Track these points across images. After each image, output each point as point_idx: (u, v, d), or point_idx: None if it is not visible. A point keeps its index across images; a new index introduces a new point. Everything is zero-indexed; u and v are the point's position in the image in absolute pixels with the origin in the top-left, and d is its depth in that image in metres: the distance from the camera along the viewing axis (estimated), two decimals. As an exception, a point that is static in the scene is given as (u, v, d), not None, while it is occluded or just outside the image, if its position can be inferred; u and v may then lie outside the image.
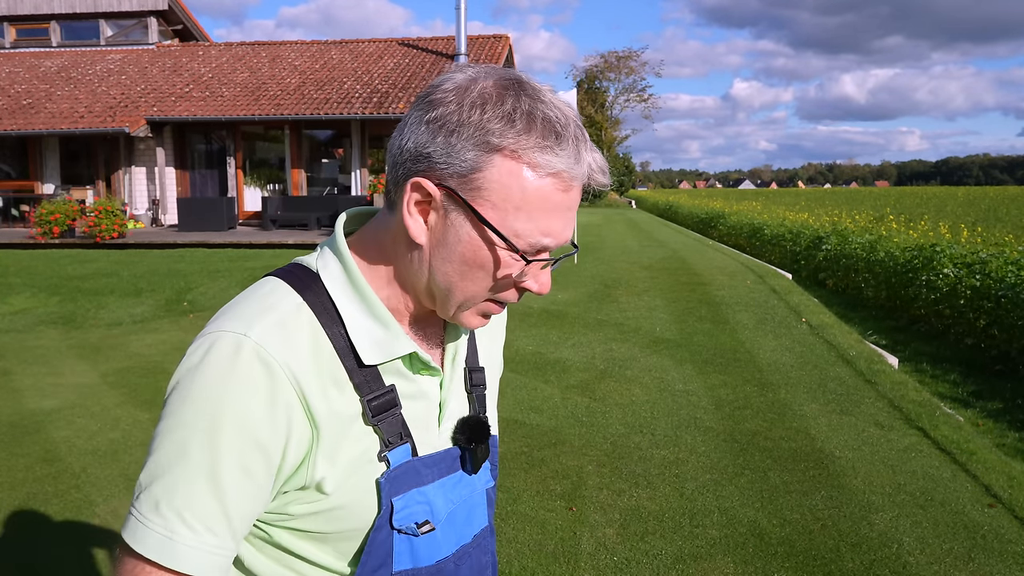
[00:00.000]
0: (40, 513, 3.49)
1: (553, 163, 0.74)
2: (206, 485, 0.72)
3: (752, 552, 3.10)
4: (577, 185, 0.77)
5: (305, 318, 0.79)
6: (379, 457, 0.81)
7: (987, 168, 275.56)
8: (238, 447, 0.73)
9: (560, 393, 5.25)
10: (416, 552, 0.84)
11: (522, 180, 0.74)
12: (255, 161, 17.78)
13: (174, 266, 10.99)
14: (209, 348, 0.75)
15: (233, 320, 0.77)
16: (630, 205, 47.21)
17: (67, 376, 5.79)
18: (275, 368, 0.74)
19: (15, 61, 19.62)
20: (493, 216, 0.75)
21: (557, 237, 0.77)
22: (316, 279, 0.82)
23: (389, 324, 0.82)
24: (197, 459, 0.72)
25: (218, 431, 0.72)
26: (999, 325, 7.06)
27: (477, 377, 0.95)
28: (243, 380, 0.73)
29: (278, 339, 0.76)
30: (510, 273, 0.78)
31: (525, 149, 0.74)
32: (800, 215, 17.57)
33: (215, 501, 0.72)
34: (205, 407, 0.73)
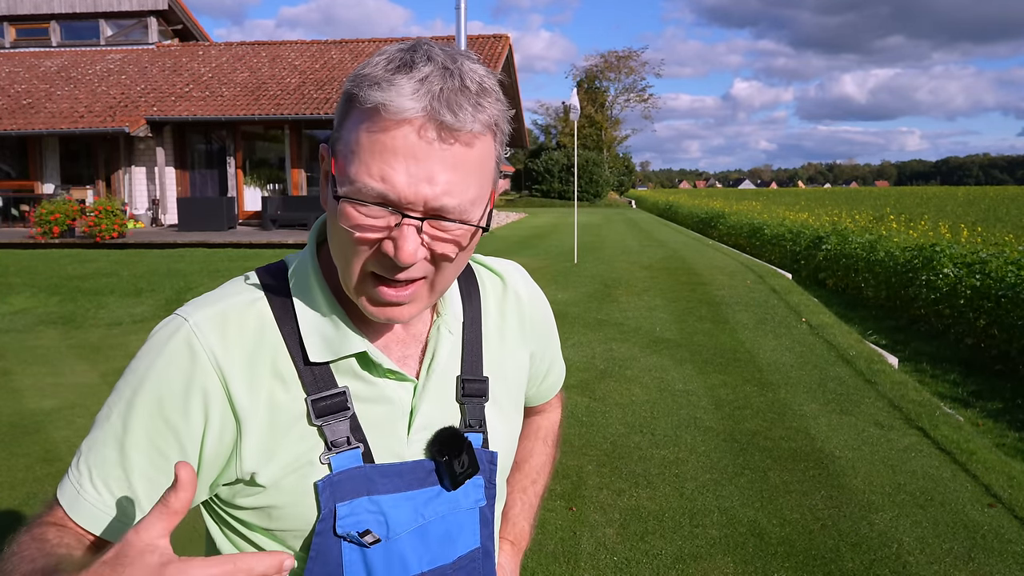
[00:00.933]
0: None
1: (374, 96, 0.68)
2: (115, 452, 0.76)
3: (752, 552, 3.10)
4: (406, 122, 0.68)
5: (255, 312, 0.80)
6: (320, 460, 0.78)
7: (987, 168, 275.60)
8: (149, 423, 0.75)
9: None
10: (372, 565, 0.79)
11: (356, 123, 0.71)
12: (255, 161, 17.78)
13: (174, 266, 10.99)
14: (160, 327, 0.80)
15: (189, 306, 0.81)
16: (630, 205, 47.22)
17: (67, 376, 5.79)
18: (199, 352, 0.76)
19: (15, 61, 19.62)
20: (339, 166, 0.72)
21: (395, 183, 0.68)
22: (283, 276, 0.83)
23: (339, 323, 0.80)
24: (115, 426, 0.76)
25: (134, 404, 0.76)
26: (999, 325, 7.06)
27: (472, 387, 0.87)
28: (167, 360, 0.76)
29: (212, 327, 0.77)
30: (361, 234, 0.71)
31: (361, 87, 0.70)
32: (800, 215, 17.58)
33: (120, 469, 0.75)
34: (132, 380, 0.77)
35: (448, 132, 0.69)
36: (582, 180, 43.33)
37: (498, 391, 0.91)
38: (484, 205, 0.75)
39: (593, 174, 44.03)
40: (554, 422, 1.21)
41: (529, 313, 0.98)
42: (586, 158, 44.11)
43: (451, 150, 0.69)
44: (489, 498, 0.89)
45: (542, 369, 1.05)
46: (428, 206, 0.70)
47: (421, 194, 0.69)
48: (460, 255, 0.76)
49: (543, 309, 1.03)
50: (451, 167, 0.70)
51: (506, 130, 0.77)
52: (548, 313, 1.05)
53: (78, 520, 0.75)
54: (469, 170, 0.71)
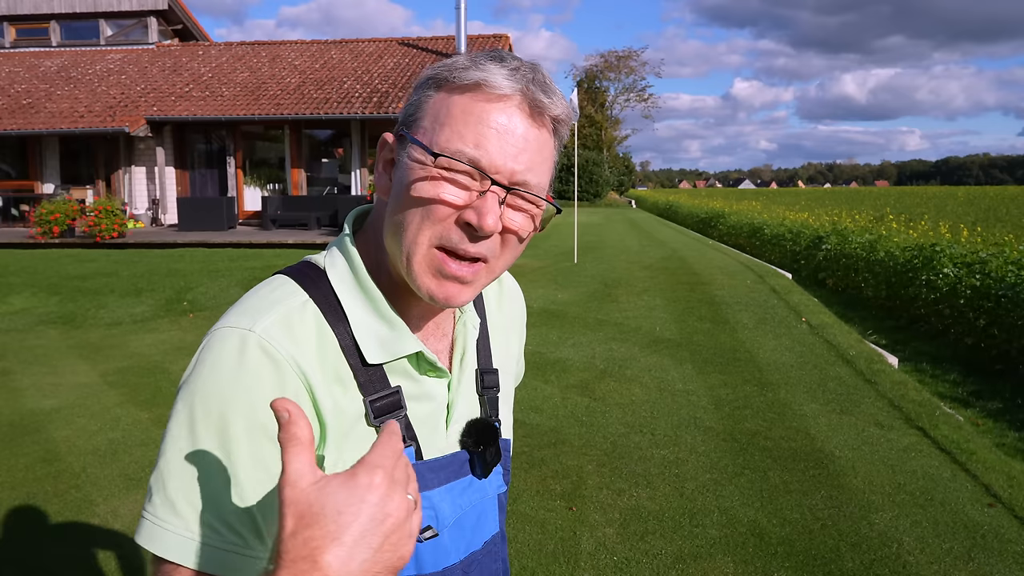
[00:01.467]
0: (40, 513, 3.49)
1: (473, 75, 0.74)
2: (223, 484, 0.70)
3: (752, 552, 3.10)
4: (506, 97, 0.74)
5: (310, 314, 0.78)
6: None
7: (987, 168, 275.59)
8: (248, 439, 0.71)
9: (560, 393, 5.25)
10: (420, 559, 0.81)
11: (449, 99, 0.75)
12: (255, 161, 17.78)
13: (174, 266, 10.99)
14: (215, 344, 0.74)
15: (238, 316, 0.76)
16: (630, 205, 47.22)
17: (67, 376, 5.79)
18: (280, 361, 0.73)
19: (15, 61, 19.62)
20: (424, 137, 0.76)
21: (488, 151, 0.73)
22: (323, 276, 0.81)
23: (394, 323, 0.81)
24: (214, 456, 0.70)
25: (228, 426, 0.71)
26: (999, 325, 7.06)
27: (489, 379, 0.92)
28: (249, 373, 0.72)
29: (283, 334, 0.75)
30: (444, 197, 0.73)
31: (451, 72, 0.76)
32: (800, 215, 17.58)
33: (235, 498, 0.70)
34: (213, 404, 0.71)
35: (538, 113, 0.76)
36: (582, 180, 43.33)
37: (504, 382, 0.96)
38: (546, 196, 0.80)
39: (593, 174, 44.04)
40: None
41: (519, 306, 1.06)
42: (586, 158, 44.12)
43: (537, 133, 0.76)
44: (506, 483, 0.95)
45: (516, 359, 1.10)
46: (512, 179, 0.74)
47: (509, 166, 0.74)
48: (520, 244, 0.80)
49: (523, 303, 1.10)
50: (536, 148, 0.76)
51: (564, 136, 0.82)
52: (524, 306, 1.11)
53: (205, 568, 0.69)
54: (546, 156, 0.78)
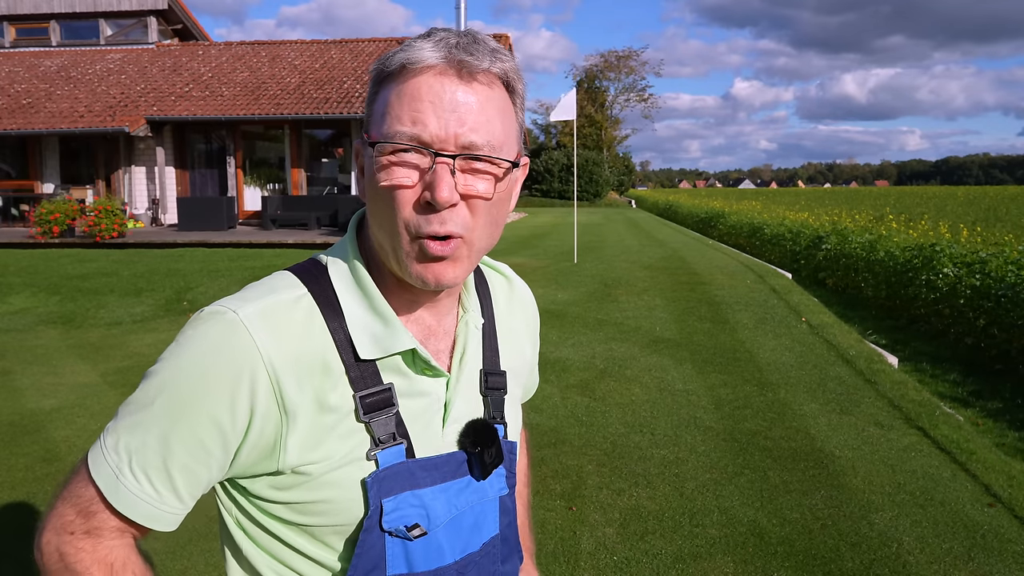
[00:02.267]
0: (40, 513, 3.49)
1: (398, 57, 0.76)
2: (156, 442, 0.75)
3: (752, 552, 3.10)
4: (430, 67, 0.75)
5: (303, 309, 0.79)
6: (367, 456, 0.79)
7: (987, 168, 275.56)
8: (194, 416, 0.75)
9: (560, 393, 5.25)
10: (411, 556, 0.81)
11: (384, 89, 0.78)
12: (255, 161, 17.78)
13: (174, 266, 10.98)
14: (204, 318, 0.78)
15: (233, 299, 0.79)
16: (630, 204, 47.22)
17: (67, 375, 5.79)
18: (250, 347, 0.76)
19: (15, 60, 19.62)
20: (374, 134, 0.78)
21: (426, 124, 0.74)
22: (324, 273, 0.83)
23: (389, 319, 0.81)
24: (157, 415, 0.75)
25: (180, 395, 0.75)
26: (999, 324, 7.06)
27: (494, 380, 0.92)
28: (215, 351, 0.75)
29: (263, 321, 0.77)
30: (397, 182, 0.75)
31: (384, 62, 0.78)
32: (800, 215, 17.58)
33: (160, 459, 0.75)
34: (177, 368, 0.76)
35: (468, 72, 0.75)
36: (582, 180, 43.33)
37: (511, 384, 0.96)
38: (512, 155, 0.80)
39: (593, 174, 44.04)
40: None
41: (532, 312, 1.05)
42: (586, 158, 44.12)
43: (472, 89, 0.76)
44: (510, 487, 0.92)
45: (530, 368, 1.09)
46: (458, 143, 0.75)
47: (451, 131, 0.74)
48: (492, 206, 0.79)
49: (536, 310, 1.09)
50: (477, 108, 0.76)
51: (521, 92, 0.82)
52: (538, 315, 1.10)
53: (121, 508, 0.76)
54: (492, 113, 0.77)
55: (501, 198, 0.80)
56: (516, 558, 0.97)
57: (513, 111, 0.81)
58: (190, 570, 3.00)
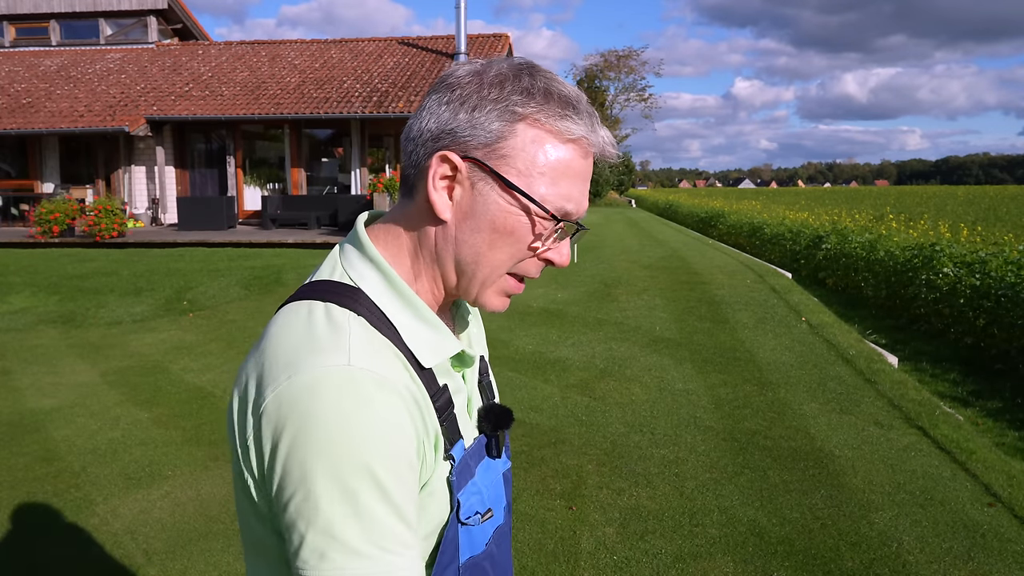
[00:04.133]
0: (40, 512, 3.49)
1: (573, 130, 0.78)
2: (385, 507, 0.68)
3: (752, 551, 3.10)
4: (593, 153, 0.81)
5: (371, 333, 0.76)
6: (446, 456, 0.82)
7: (987, 167, 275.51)
8: (392, 466, 0.70)
9: (560, 392, 5.25)
10: (474, 540, 0.86)
11: (545, 146, 0.78)
12: (255, 160, 17.78)
13: (174, 265, 10.98)
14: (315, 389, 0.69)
15: (314, 355, 0.71)
16: (630, 204, 47.19)
17: (67, 375, 5.79)
18: (392, 383, 0.72)
19: (14, 60, 19.61)
20: (520, 181, 0.78)
21: (578, 204, 0.81)
22: (358, 293, 0.79)
23: (438, 327, 0.83)
24: (365, 493, 0.68)
25: (371, 460, 0.68)
26: (999, 324, 7.06)
27: (482, 366, 0.98)
28: (373, 408, 0.70)
29: (376, 358, 0.73)
30: (537, 240, 0.80)
31: (547, 117, 0.78)
32: (800, 214, 17.57)
33: (399, 521, 0.70)
34: (344, 445, 0.68)
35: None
36: (582, 179, 43.29)
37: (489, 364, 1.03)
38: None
39: (593, 173, 44.02)
40: None
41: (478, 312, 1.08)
42: (586, 157, 44.06)
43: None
44: (508, 460, 1.00)
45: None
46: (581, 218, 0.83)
47: (584, 209, 0.82)
48: None
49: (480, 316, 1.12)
50: None
51: None
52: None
53: None
54: None
55: None
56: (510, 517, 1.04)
57: None
58: (190, 570, 3.00)
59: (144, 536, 3.25)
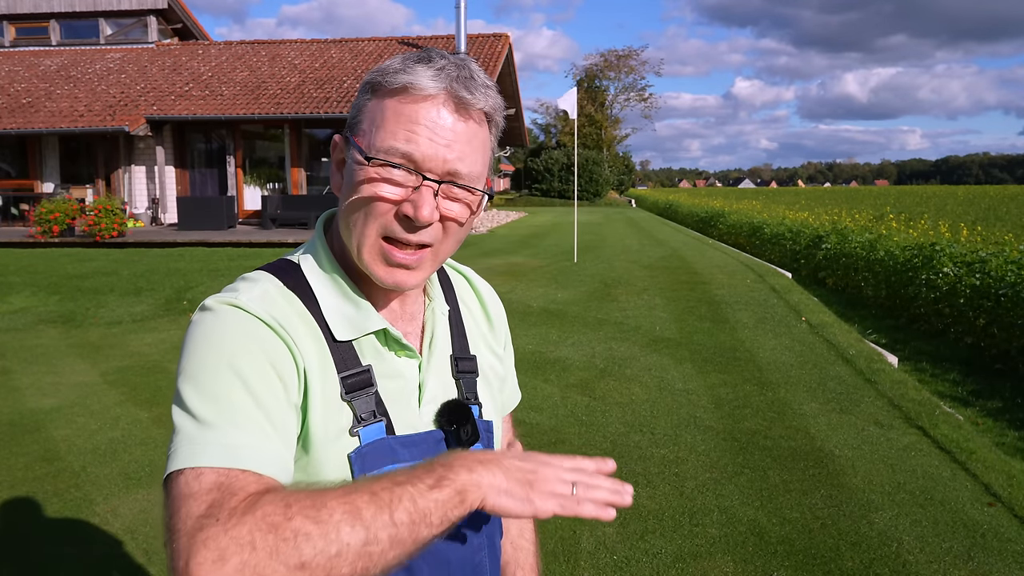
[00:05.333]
0: (40, 512, 3.49)
1: (401, 78, 0.81)
2: (240, 393, 0.74)
3: (752, 551, 3.10)
4: (431, 97, 0.81)
5: (285, 296, 0.85)
6: (351, 432, 0.83)
7: (987, 167, 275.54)
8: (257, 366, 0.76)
9: (560, 392, 5.25)
10: None
11: (381, 103, 0.83)
12: (255, 160, 17.78)
13: (174, 265, 10.98)
14: (202, 320, 0.80)
15: (218, 295, 0.83)
16: (630, 204, 47.20)
17: (67, 375, 5.79)
18: (267, 321, 0.80)
19: (14, 60, 19.61)
20: (362, 142, 0.83)
21: (419, 146, 0.80)
22: (296, 268, 0.89)
23: (359, 303, 0.87)
24: (222, 380, 0.75)
25: (235, 358, 0.76)
26: (999, 324, 7.06)
27: (465, 364, 0.98)
28: (242, 325, 0.79)
29: (265, 304, 0.82)
30: (383, 195, 0.81)
31: (385, 76, 0.83)
32: (800, 214, 17.56)
33: (255, 406, 0.74)
34: (215, 349, 0.76)
35: (464, 108, 0.82)
36: (582, 179, 43.31)
37: (484, 368, 1.02)
38: (484, 185, 0.87)
39: (593, 173, 44.01)
40: None
41: (495, 312, 1.09)
42: (586, 157, 44.09)
43: (464, 125, 0.83)
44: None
45: (502, 375, 1.10)
46: (444, 170, 0.82)
47: (440, 157, 0.81)
48: (461, 229, 0.87)
49: (504, 315, 1.12)
50: (465, 140, 0.82)
51: (500, 124, 0.89)
52: (506, 320, 1.13)
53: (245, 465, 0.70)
54: (476, 146, 0.84)
55: (470, 221, 0.88)
56: (499, 533, 1.01)
57: (490, 144, 0.88)
58: (190, 569, 2.99)
59: (144, 536, 3.25)
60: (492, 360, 1.05)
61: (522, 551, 1.17)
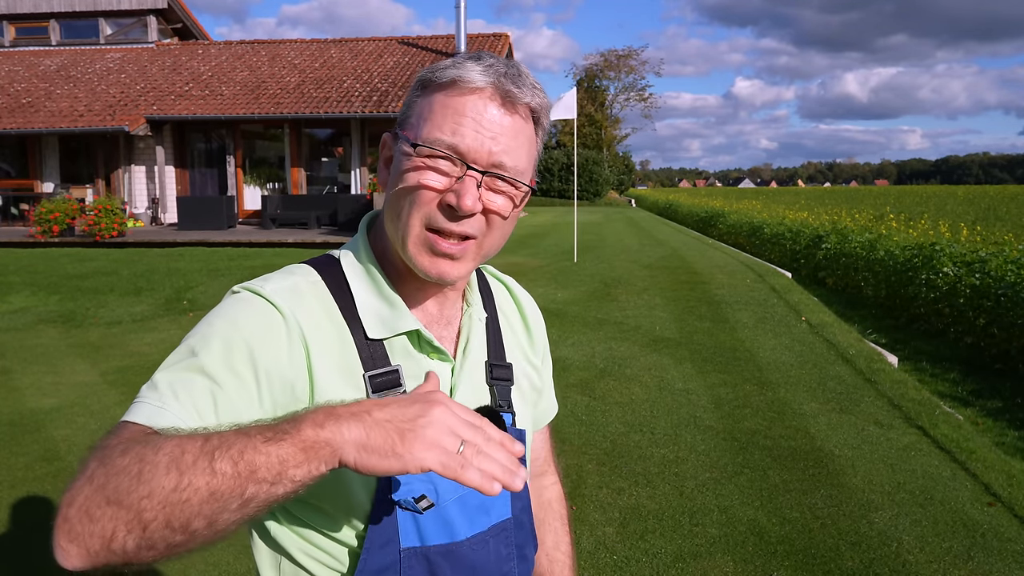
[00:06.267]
0: (40, 512, 3.50)
1: (450, 72, 0.83)
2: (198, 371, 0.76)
3: (752, 551, 3.10)
4: (479, 89, 0.82)
5: (319, 291, 0.87)
6: None
7: (987, 167, 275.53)
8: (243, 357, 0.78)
9: (560, 392, 5.22)
10: (423, 530, 0.84)
11: (430, 96, 0.84)
12: (255, 160, 17.78)
13: (174, 265, 10.99)
14: (227, 299, 0.84)
15: (253, 282, 0.86)
16: (630, 204, 47.19)
17: (67, 375, 5.79)
18: (284, 311, 0.82)
19: (14, 60, 19.61)
20: (410, 134, 0.84)
21: (464, 137, 0.81)
22: (336, 264, 0.91)
23: (395, 303, 0.88)
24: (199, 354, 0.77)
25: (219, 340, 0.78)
26: (999, 324, 7.06)
27: (499, 372, 0.97)
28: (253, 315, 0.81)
29: (288, 297, 0.83)
30: (427, 183, 0.82)
31: (435, 72, 0.85)
32: (800, 214, 17.57)
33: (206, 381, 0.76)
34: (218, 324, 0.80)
35: (510, 102, 0.83)
36: (582, 179, 43.30)
37: (519, 377, 1.01)
38: (529, 180, 0.88)
39: (593, 173, 43.99)
40: (560, 496, 1.26)
41: (534, 323, 1.08)
42: (586, 157, 44.08)
43: (511, 119, 0.84)
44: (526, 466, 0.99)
45: (539, 387, 1.09)
46: (489, 162, 0.82)
47: (485, 149, 0.82)
48: (506, 222, 0.87)
49: (543, 326, 1.11)
50: (511, 134, 0.83)
51: (546, 127, 0.90)
52: (545, 332, 1.12)
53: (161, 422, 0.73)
54: (522, 141, 0.85)
55: (514, 215, 0.88)
56: (532, 545, 0.99)
57: (536, 143, 0.89)
58: (190, 569, 3.00)
59: (144, 536, 3.25)
60: (528, 370, 1.04)
61: (557, 564, 1.15)
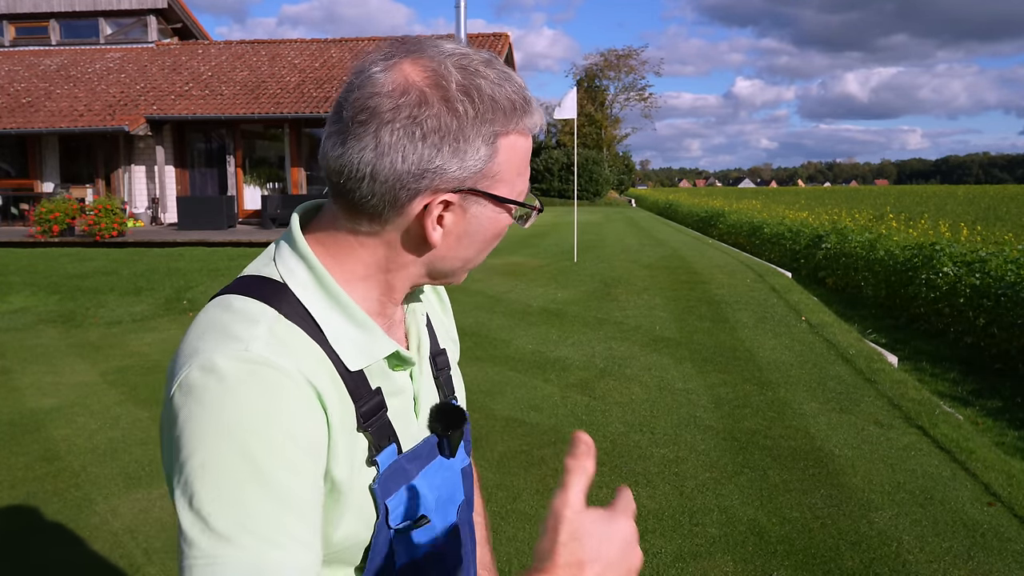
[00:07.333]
0: (39, 512, 3.49)
1: (528, 124, 0.81)
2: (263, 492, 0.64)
3: (752, 550, 3.10)
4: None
5: (296, 333, 0.74)
6: (368, 462, 0.78)
7: (987, 167, 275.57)
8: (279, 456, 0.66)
9: (560, 392, 5.25)
10: (415, 544, 0.84)
11: (517, 148, 0.81)
12: (255, 160, 17.78)
13: (173, 264, 10.99)
14: (207, 381, 0.66)
15: (216, 344, 0.69)
16: (630, 204, 47.20)
17: (66, 375, 5.79)
18: (292, 374, 0.69)
19: (14, 59, 19.61)
20: (506, 190, 0.81)
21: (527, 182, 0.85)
22: (284, 289, 0.76)
23: (368, 326, 0.79)
24: (241, 475, 0.64)
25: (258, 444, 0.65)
26: (999, 324, 7.06)
27: (441, 361, 0.96)
28: (263, 394, 0.67)
29: (279, 348, 0.70)
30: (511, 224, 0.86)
31: (515, 123, 0.80)
32: (800, 214, 17.57)
33: (282, 508, 0.65)
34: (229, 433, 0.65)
35: None
36: (582, 179, 43.32)
37: (452, 360, 1.00)
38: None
39: (593, 173, 44.01)
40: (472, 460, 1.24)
41: (443, 293, 1.07)
42: (586, 157, 44.09)
43: None
44: (468, 455, 0.98)
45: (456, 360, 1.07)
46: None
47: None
48: None
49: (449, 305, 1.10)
50: None
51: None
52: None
53: None
54: None
55: None
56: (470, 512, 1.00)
57: None
58: None
59: (144, 535, 3.25)
60: (454, 349, 1.04)
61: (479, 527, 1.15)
